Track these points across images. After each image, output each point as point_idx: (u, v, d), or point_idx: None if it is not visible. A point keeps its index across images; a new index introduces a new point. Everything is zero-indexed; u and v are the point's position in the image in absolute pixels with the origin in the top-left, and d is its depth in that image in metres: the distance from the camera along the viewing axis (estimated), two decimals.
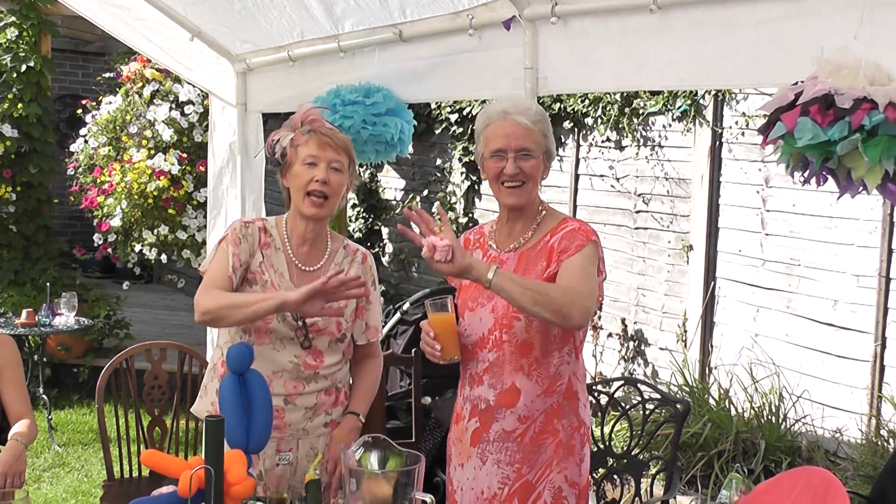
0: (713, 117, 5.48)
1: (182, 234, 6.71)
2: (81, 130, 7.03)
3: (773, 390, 4.95)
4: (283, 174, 2.71)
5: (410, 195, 7.83)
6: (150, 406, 3.77)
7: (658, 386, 4.72)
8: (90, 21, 4.53)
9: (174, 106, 6.78)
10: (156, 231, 6.65)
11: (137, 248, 6.75)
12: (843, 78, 2.20)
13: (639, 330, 6.04)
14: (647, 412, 3.48)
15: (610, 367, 6.20)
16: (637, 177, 6.03)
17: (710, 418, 4.83)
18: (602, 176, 6.28)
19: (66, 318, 5.98)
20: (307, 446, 2.70)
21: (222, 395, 2.20)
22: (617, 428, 3.53)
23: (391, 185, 8.19)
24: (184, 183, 6.64)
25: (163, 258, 6.81)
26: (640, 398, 3.44)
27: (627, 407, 3.50)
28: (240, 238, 2.66)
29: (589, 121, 6.26)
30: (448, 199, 7.36)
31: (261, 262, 2.67)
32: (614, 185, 6.18)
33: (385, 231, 8.26)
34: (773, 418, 4.82)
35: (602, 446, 3.38)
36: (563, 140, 6.46)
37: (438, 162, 7.62)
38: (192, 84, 6.04)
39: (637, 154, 5.99)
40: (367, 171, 8.13)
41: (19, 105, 7.00)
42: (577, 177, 6.46)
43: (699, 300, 5.56)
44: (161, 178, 6.53)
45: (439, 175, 7.63)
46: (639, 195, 6.01)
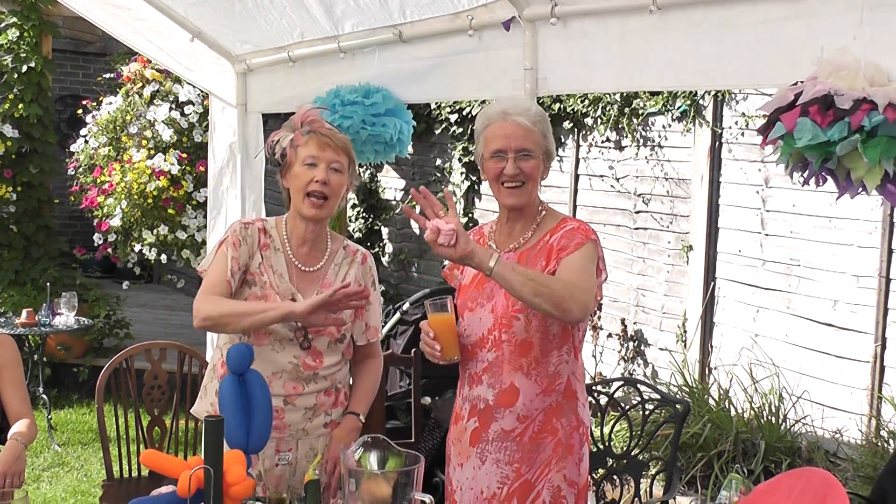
0: (713, 117, 5.48)
1: (182, 234, 6.72)
2: (82, 130, 7.03)
3: (773, 391, 4.95)
4: (282, 175, 2.71)
5: (410, 195, 7.82)
6: (149, 406, 3.77)
7: (658, 386, 4.73)
8: (91, 22, 4.53)
9: (174, 106, 6.78)
10: (155, 231, 6.66)
11: (137, 248, 6.76)
12: (842, 78, 2.20)
13: (638, 330, 6.04)
14: (647, 412, 3.48)
15: (610, 367, 6.19)
16: (637, 177, 6.03)
17: (710, 419, 4.82)
18: (602, 176, 6.28)
19: (66, 318, 5.99)
20: (306, 447, 2.70)
21: (222, 395, 2.21)
22: (616, 428, 3.53)
23: (391, 185, 8.19)
24: (183, 183, 6.64)
25: (162, 258, 6.82)
26: (639, 398, 3.44)
27: (627, 407, 3.50)
28: (239, 240, 2.66)
29: (589, 121, 6.26)
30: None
31: (260, 263, 2.67)
32: (614, 186, 6.18)
33: (385, 231, 8.26)
34: (773, 419, 4.82)
35: (602, 447, 3.38)
36: (563, 140, 6.46)
37: (438, 162, 7.62)
38: (192, 84, 6.04)
39: (637, 154, 5.99)
40: (367, 171, 8.13)
41: (20, 105, 7.01)
42: (576, 177, 6.46)
43: (699, 300, 5.56)
44: (161, 178, 6.53)
45: (439, 175, 7.63)
46: (638, 195, 6.01)
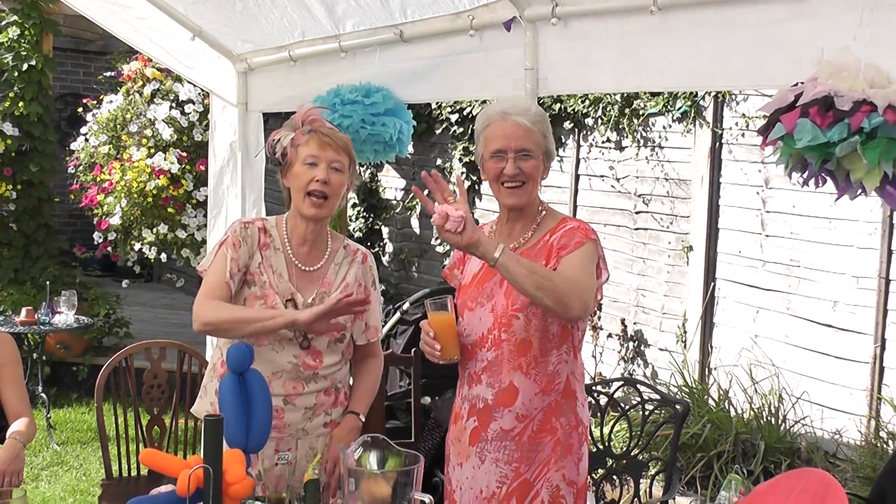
0: (713, 118, 5.48)
1: (181, 233, 6.71)
2: (82, 129, 7.03)
3: (773, 391, 4.95)
4: (283, 174, 2.71)
5: (411, 195, 7.82)
6: (149, 405, 3.77)
7: (657, 387, 4.73)
8: (91, 20, 4.54)
9: (174, 105, 6.78)
10: (155, 230, 6.66)
11: (137, 246, 6.75)
12: (842, 80, 2.20)
13: (638, 330, 6.04)
14: (647, 413, 3.48)
15: (609, 367, 6.19)
16: (637, 177, 6.03)
17: (710, 419, 4.82)
18: (602, 176, 6.28)
19: (65, 317, 5.98)
20: (306, 446, 2.70)
21: (222, 394, 2.21)
22: (616, 428, 3.53)
23: (391, 184, 8.19)
24: (183, 182, 6.64)
25: (162, 257, 6.82)
26: (639, 399, 3.44)
27: (627, 407, 3.50)
28: (239, 240, 2.66)
29: (589, 121, 6.26)
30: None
31: (259, 262, 2.67)
32: (614, 186, 6.18)
33: (385, 231, 8.25)
34: (773, 419, 4.82)
35: (601, 447, 3.38)
36: (563, 140, 6.46)
37: (439, 162, 7.62)
38: (192, 83, 6.04)
39: (637, 155, 5.99)
40: (368, 170, 8.13)
41: (20, 104, 7.01)
42: (577, 177, 6.46)
43: (699, 301, 5.56)
44: (161, 176, 6.53)
45: (439, 175, 7.62)
46: (639, 196, 6.01)
